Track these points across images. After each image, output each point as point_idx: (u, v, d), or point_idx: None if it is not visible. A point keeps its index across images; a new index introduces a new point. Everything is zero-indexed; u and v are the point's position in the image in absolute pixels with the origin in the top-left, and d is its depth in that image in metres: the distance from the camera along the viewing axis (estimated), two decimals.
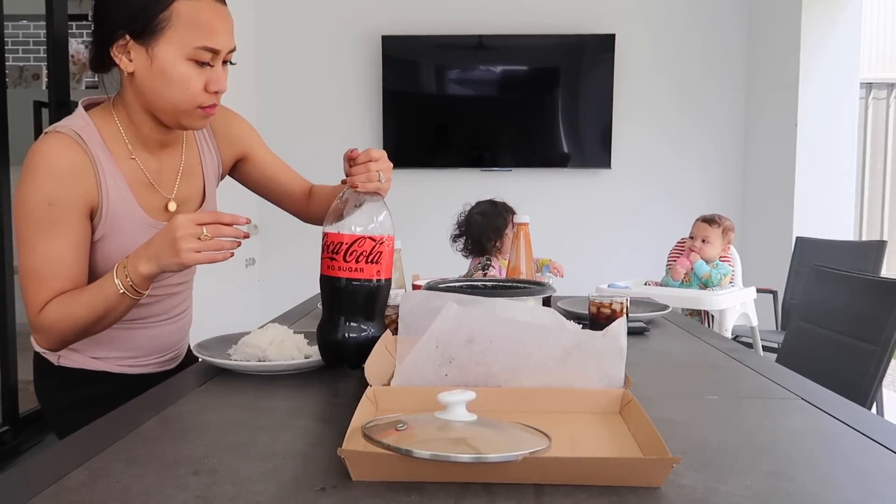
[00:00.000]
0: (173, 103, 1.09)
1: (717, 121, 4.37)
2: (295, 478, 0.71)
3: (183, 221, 0.99)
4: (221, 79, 1.12)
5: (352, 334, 1.04)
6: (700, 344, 1.46)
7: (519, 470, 0.67)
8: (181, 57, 1.06)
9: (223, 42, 1.10)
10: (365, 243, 1.02)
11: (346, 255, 1.03)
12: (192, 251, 0.99)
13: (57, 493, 0.68)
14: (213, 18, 1.10)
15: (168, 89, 1.07)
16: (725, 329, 2.75)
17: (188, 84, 1.07)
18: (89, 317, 1.05)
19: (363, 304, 1.04)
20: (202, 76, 1.09)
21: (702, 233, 2.90)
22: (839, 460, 0.80)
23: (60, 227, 1.05)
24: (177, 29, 1.05)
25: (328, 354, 1.07)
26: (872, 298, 1.70)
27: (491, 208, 2.58)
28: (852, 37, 3.77)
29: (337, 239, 1.04)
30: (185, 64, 1.07)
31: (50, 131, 1.08)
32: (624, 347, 0.92)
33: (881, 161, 7.60)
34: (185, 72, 1.07)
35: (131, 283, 1.02)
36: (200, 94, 1.09)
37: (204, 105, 1.10)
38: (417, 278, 1.61)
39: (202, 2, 1.08)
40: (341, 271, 1.03)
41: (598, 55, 4.25)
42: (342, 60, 4.37)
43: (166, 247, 1.00)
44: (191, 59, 1.07)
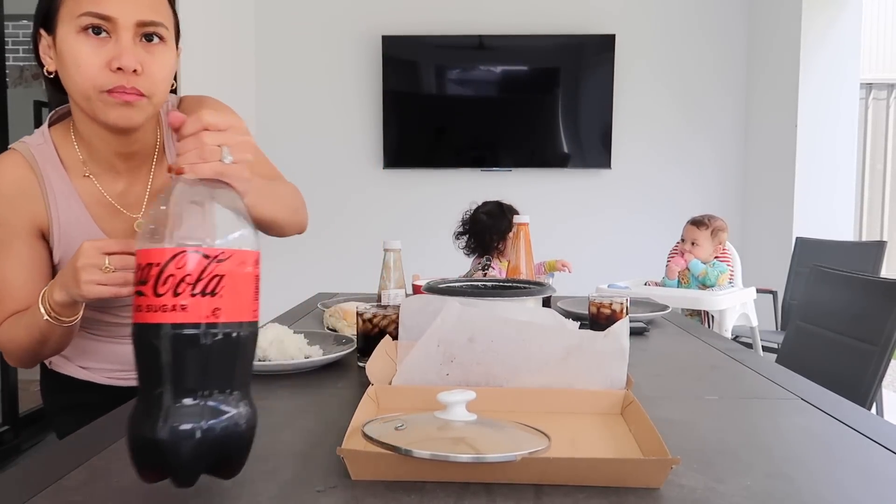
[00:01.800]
0: (79, 92, 0.93)
1: (717, 121, 4.37)
2: (295, 478, 0.71)
3: (87, 249, 0.86)
4: (127, 53, 0.91)
5: (183, 424, 0.59)
6: (700, 344, 1.46)
7: (518, 470, 0.67)
8: (72, 32, 0.91)
9: (117, 8, 0.91)
10: (188, 261, 0.59)
11: (157, 285, 0.59)
12: (94, 283, 0.85)
13: (57, 492, 0.68)
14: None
15: (70, 74, 0.93)
16: (725, 329, 2.75)
17: (79, 61, 0.91)
18: (31, 342, 0.98)
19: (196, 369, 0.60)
20: (99, 52, 0.91)
21: (690, 236, 2.90)
22: (839, 460, 0.80)
23: (10, 248, 1.00)
24: (67, 4, 0.92)
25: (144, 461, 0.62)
26: (872, 299, 1.70)
27: (497, 209, 2.59)
28: (852, 37, 3.77)
29: (146, 259, 0.60)
30: (76, 38, 0.91)
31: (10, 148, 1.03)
32: (626, 348, 0.92)
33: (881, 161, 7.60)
34: (77, 47, 0.91)
35: (52, 310, 0.93)
36: (100, 74, 0.91)
37: (107, 88, 0.92)
38: (417, 278, 1.61)
39: None
40: (151, 312, 0.59)
41: (598, 55, 4.25)
42: (342, 60, 4.37)
43: (70, 275, 0.88)
44: (80, 30, 0.91)
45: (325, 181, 4.42)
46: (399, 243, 1.39)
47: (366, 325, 1.19)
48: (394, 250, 1.39)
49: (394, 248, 1.39)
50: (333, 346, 1.26)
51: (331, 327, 1.54)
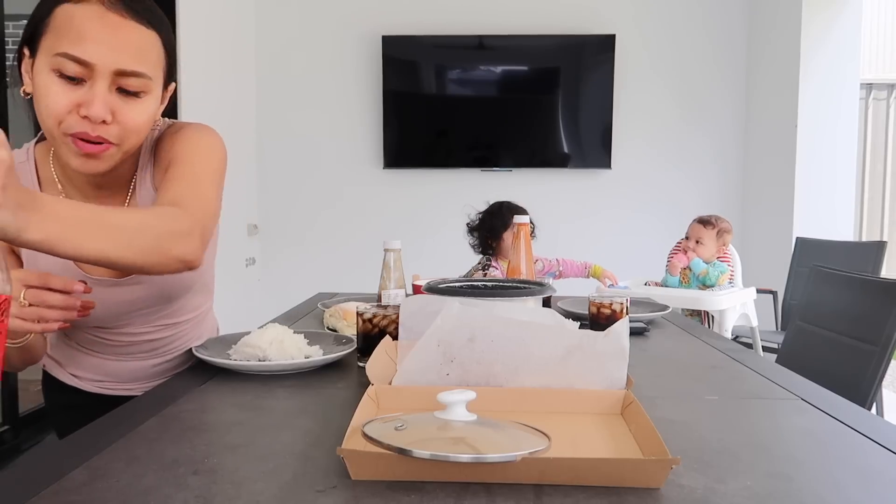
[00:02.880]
0: (46, 129, 0.89)
1: (717, 121, 4.37)
2: (295, 478, 0.71)
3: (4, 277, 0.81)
4: (96, 102, 0.86)
5: None
6: (700, 344, 1.46)
7: (518, 470, 0.67)
8: (46, 67, 0.87)
9: (96, 53, 0.85)
10: None
11: None
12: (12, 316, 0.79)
13: (57, 492, 0.68)
14: (91, 25, 0.86)
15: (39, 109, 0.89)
16: (725, 329, 2.75)
17: (47, 99, 0.86)
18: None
19: None
20: (68, 93, 0.86)
21: (696, 234, 2.90)
22: (839, 460, 0.80)
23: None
24: (49, 35, 0.87)
25: None
26: (872, 299, 1.70)
27: (495, 208, 2.61)
28: (852, 37, 3.77)
29: None
30: (49, 76, 0.87)
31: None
32: (626, 348, 0.92)
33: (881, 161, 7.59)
34: (47, 85, 0.86)
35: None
36: (67, 116, 0.87)
37: (70, 132, 0.88)
38: (417, 278, 1.61)
39: (88, 7, 0.87)
40: None
41: (598, 55, 4.25)
42: (342, 60, 4.37)
43: None
44: (53, 69, 0.86)
45: (325, 181, 4.42)
46: (399, 243, 1.39)
47: (366, 325, 1.19)
48: (394, 250, 1.39)
49: (394, 248, 1.39)
50: (333, 346, 1.26)
51: (331, 327, 1.54)
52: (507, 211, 2.58)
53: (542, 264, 2.64)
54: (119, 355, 1.18)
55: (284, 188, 4.44)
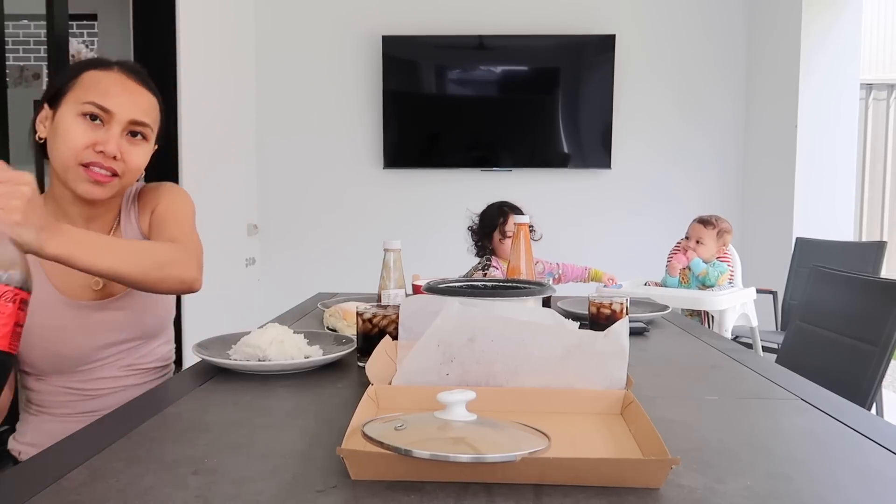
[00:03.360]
0: (61, 161, 1.09)
1: (717, 121, 4.37)
2: (295, 477, 0.71)
3: None
4: (112, 142, 1.09)
5: None
6: (700, 344, 1.46)
7: (518, 470, 0.67)
8: (73, 113, 1.08)
9: (117, 105, 1.10)
10: None
11: None
12: None
13: (57, 492, 0.68)
14: (114, 86, 1.11)
15: (57, 145, 1.08)
16: (725, 329, 2.75)
17: (69, 136, 1.07)
18: None
19: None
20: (89, 133, 1.08)
21: (696, 234, 2.90)
22: (839, 460, 0.80)
23: None
24: (76, 90, 1.10)
25: None
26: (872, 299, 1.70)
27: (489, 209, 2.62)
28: (852, 37, 3.77)
29: None
30: (75, 120, 1.08)
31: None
32: (626, 348, 0.92)
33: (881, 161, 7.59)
34: (72, 125, 1.08)
35: None
36: (83, 151, 1.08)
37: (85, 162, 1.08)
38: (417, 278, 1.61)
39: (113, 73, 1.12)
40: None
41: (598, 55, 4.25)
42: (342, 60, 4.37)
43: None
44: (80, 114, 1.08)
45: (325, 181, 4.41)
46: (399, 243, 1.39)
47: (366, 325, 1.19)
48: (394, 250, 1.39)
49: (394, 248, 1.39)
50: (333, 346, 1.26)
51: (331, 327, 1.54)
52: (496, 211, 2.60)
53: (543, 266, 2.64)
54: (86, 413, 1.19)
55: (284, 188, 4.44)
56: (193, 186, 3.32)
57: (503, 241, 2.55)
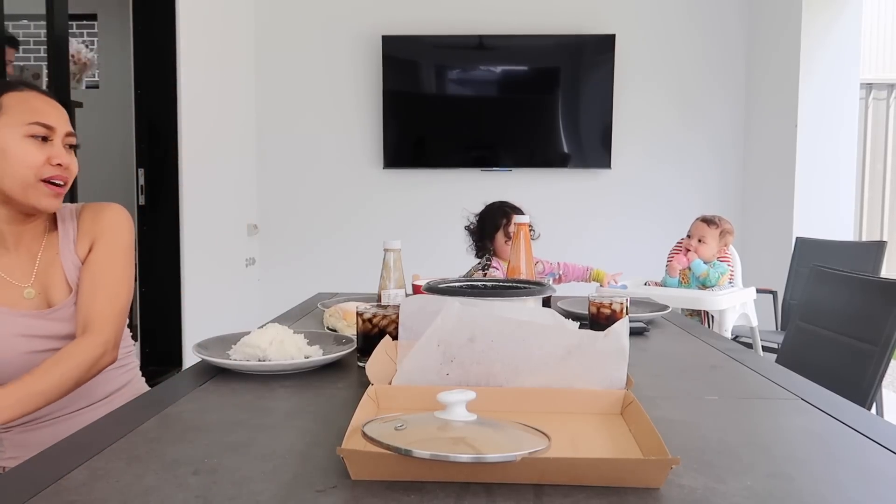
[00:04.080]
0: (20, 180, 1.16)
1: (717, 121, 4.37)
2: (295, 478, 0.71)
3: None
4: (63, 154, 1.20)
5: None
6: (700, 344, 1.46)
7: (518, 470, 0.67)
8: (19, 136, 1.16)
9: (55, 121, 1.20)
10: None
11: None
12: None
13: (57, 492, 0.68)
14: (41, 104, 1.20)
15: (12, 168, 1.16)
16: (725, 329, 2.75)
17: (28, 157, 1.16)
18: None
19: None
20: (43, 151, 1.18)
21: (699, 232, 2.90)
22: (839, 460, 0.80)
23: None
24: (9, 114, 1.16)
25: None
26: (872, 299, 1.70)
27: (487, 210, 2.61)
28: (852, 37, 3.77)
29: None
30: (22, 141, 1.16)
31: None
32: (626, 348, 0.92)
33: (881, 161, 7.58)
34: (24, 147, 1.16)
35: None
36: (44, 167, 1.17)
37: (46, 177, 1.18)
38: (417, 278, 1.61)
39: (28, 92, 1.20)
40: None
41: (598, 55, 4.25)
42: (342, 60, 4.37)
43: None
44: (28, 135, 1.17)
45: (325, 181, 4.41)
46: (399, 243, 1.39)
47: (366, 325, 1.19)
48: (394, 250, 1.39)
49: (394, 248, 1.39)
50: (333, 346, 1.26)
51: (331, 327, 1.54)
52: (498, 211, 2.59)
53: (543, 266, 2.64)
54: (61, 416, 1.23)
55: (284, 188, 4.44)
56: (194, 186, 3.32)
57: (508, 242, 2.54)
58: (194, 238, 3.38)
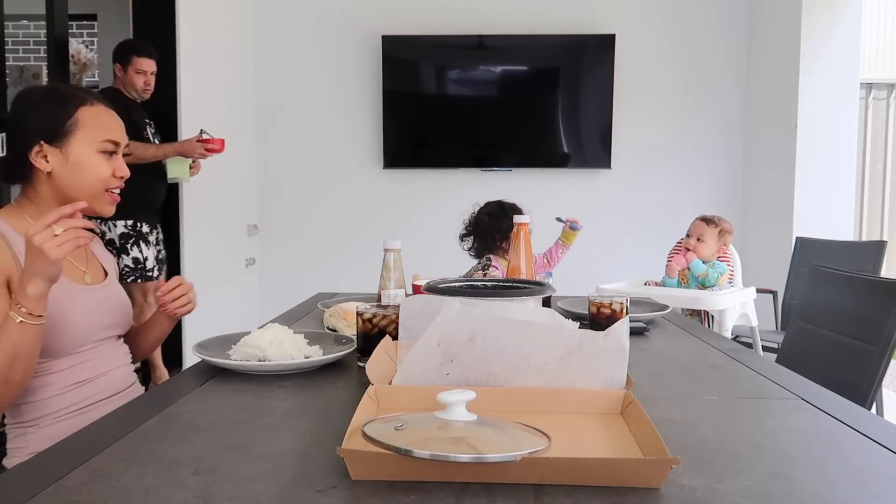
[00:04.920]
0: (89, 190, 1.28)
1: (717, 121, 4.37)
2: (295, 478, 0.71)
3: (33, 228, 1.08)
4: (124, 167, 1.33)
5: None
6: (700, 344, 1.46)
7: (518, 470, 0.67)
8: (92, 151, 1.27)
9: (119, 136, 1.32)
10: None
11: None
12: (55, 246, 1.06)
13: (57, 492, 0.68)
14: (109, 120, 1.31)
15: (84, 178, 1.28)
16: (725, 329, 2.75)
17: (100, 171, 1.28)
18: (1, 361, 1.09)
19: None
20: (110, 164, 1.30)
21: (698, 231, 2.90)
22: (839, 460, 0.80)
23: None
24: (85, 129, 1.27)
25: None
26: (872, 298, 1.70)
27: (498, 209, 2.59)
28: (852, 37, 3.77)
29: None
30: (95, 155, 1.28)
31: None
32: (626, 348, 0.92)
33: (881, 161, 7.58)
34: (97, 161, 1.28)
35: (25, 309, 1.09)
36: (110, 179, 1.30)
37: (111, 188, 1.31)
38: (417, 278, 1.61)
39: (97, 108, 1.30)
40: None
41: (598, 55, 4.25)
42: (342, 60, 4.37)
43: (34, 257, 1.08)
44: (100, 151, 1.28)
45: (325, 181, 4.41)
46: (399, 243, 1.39)
47: (366, 325, 1.19)
48: (394, 250, 1.39)
49: (394, 248, 1.39)
50: (333, 346, 1.26)
51: (331, 327, 1.54)
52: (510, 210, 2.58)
53: (538, 260, 2.65)
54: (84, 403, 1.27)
55: (284, 188, 4.44)
56: (194, 186, 3.32)
57: None
58: (194, 238, 3.38)
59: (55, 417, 1.24)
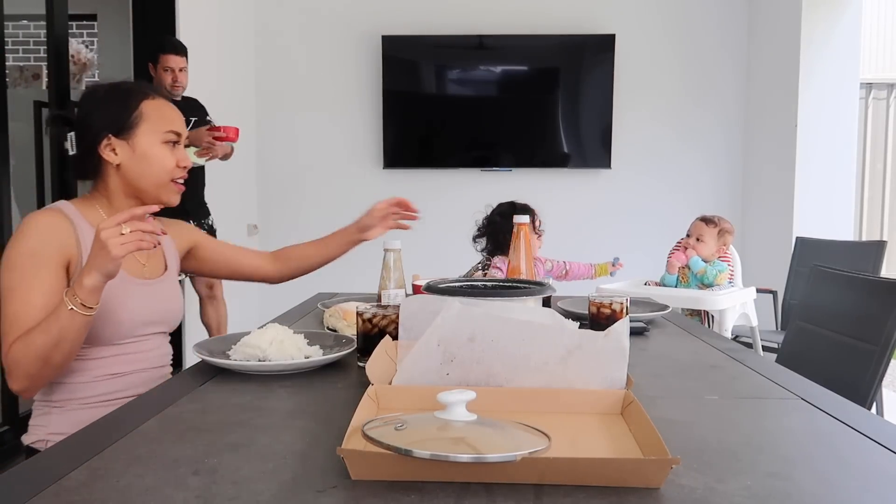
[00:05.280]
0: (155, 180, 1.33)
1: (717, 121, 4.37)
2: (295, 478, 0.71)
3: (104, 224, 1.11)
4: (186, 157, 1.38)
5: None
6: (700, 344, 1.46)
7: (518, 470, 0.67)
8: (157, 142, 1.32)
9: (180, 127, 1.37)
10: None
11: None
12: (119, 244, 1.09)
13: (57, 493, 0.68)
14: (171, 112, 1.36)
15: (151, 169, 1.32)
16: (725, 329, 2.75)
17: (165, 161, 1.33)
18: (45, 342, 1.13)
19: None
20: (173, 155, 1.35)
21: (697, 231, 2.90)
22: (839, 460, 0.80)
23: (37, 276, 1.20)
24: (149, 121, 1.32)
25: None
26: (872, 298, 1.70)
27: (511, 210, 2.61)
28: (852, 37, 3.77)
29: None
30: (160, 147, 1.33)
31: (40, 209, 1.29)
32: (626, 348, 0.92)
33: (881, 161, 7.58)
34: (162, 152, 1.33)
35: (79, 299, 1.11)
36: (175, 170, 1.35)
37: (176, 178, 1.36)
38: (417, 278, 1.61)
39: (158, 101, 1.35)
40: None
41: (598, 55, 4.25)
42: (342, 60, 4.36)
43: (98, 251, 1.10)
44: (164, 142, 1.33)
45: (325, 181, 4.41)
46: (399, 243, 1.39)
47: (366, 325, 1.19)
48: (394, 250, 1.39)
49: (394, 248, 1.39)
50: (333, 346, 1.26)
51: (331, 327, 1.54)
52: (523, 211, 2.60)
53: (552, 264, 2.66)
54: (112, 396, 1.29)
55: (284, 188, 4.43)
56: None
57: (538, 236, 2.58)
58: None
59: (82, 403, 1.26)
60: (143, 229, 1.11)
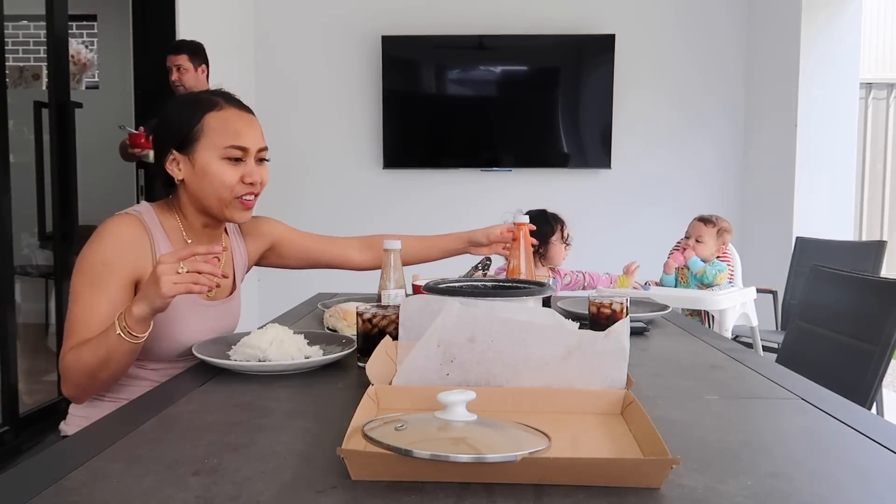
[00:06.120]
0: (217, 197, 1.28)
1: (716, 121, 4.37)
2: (295, 478, 0.71)
3: (164, 258, 1.08)
4: (255, 172, 1.29)
5: None
6: (700, 344, 1.46)
7: (518, 470, 0.67)
8: (216, 157, 1.26)
9: (250, 141, 1.29)
10: None
11: None
12: (171, 282, 1.06)
13: (57, 493, 0.68)
14: (238, 123, 1.29)
15: (211, 186, 1.27)
16: (725, 329, 2.75)
17: (224, 178, 1.26)
18: (93, 360, 1.13)
19: None
20: (237, 171, 1.27)
21: (696, 232, 2.90)
22: (839, 460, 0.80)
23: (106, 285, 1.19)
24: (209, 136, 1.26)
25: None
26: (872, 298, 1.70)
27: (540, 216, 2.65)
28: (852, 37, 3.77)
29: None
30: (219, 163, 1.26)
31: (120, 213, 1.28)
32: (626, 348, 0.92)
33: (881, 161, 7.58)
34: (221, 168, 1.26)
35: (126, 325, 1.10)
36: (237, 186, 1.27)
37: (240, 195, 1.28)
38: (417, 278, 1.61)
39: (227, 111, 1.29)
40: None
41: (598, 55, 4.25)
42: (342, 60, 4.36)
43: (151, 283, 1.08)
44: (224, 157, 1.26)
45: (325, 181, 4.41)
46: (399, 243, 1.39)
47: (366, 325, 1.19)
48: (394, 250, 1.39)
49: (394, 248, 1.39)
50: (333, 346, 1.26)
51: (331, 327, 1.54)
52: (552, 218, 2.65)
53: (570, 278, 2.67)
54: None
55: (284, 188, 4.43)
56: None
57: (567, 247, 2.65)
58: None
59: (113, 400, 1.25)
60: (201, 270, 1.08)
